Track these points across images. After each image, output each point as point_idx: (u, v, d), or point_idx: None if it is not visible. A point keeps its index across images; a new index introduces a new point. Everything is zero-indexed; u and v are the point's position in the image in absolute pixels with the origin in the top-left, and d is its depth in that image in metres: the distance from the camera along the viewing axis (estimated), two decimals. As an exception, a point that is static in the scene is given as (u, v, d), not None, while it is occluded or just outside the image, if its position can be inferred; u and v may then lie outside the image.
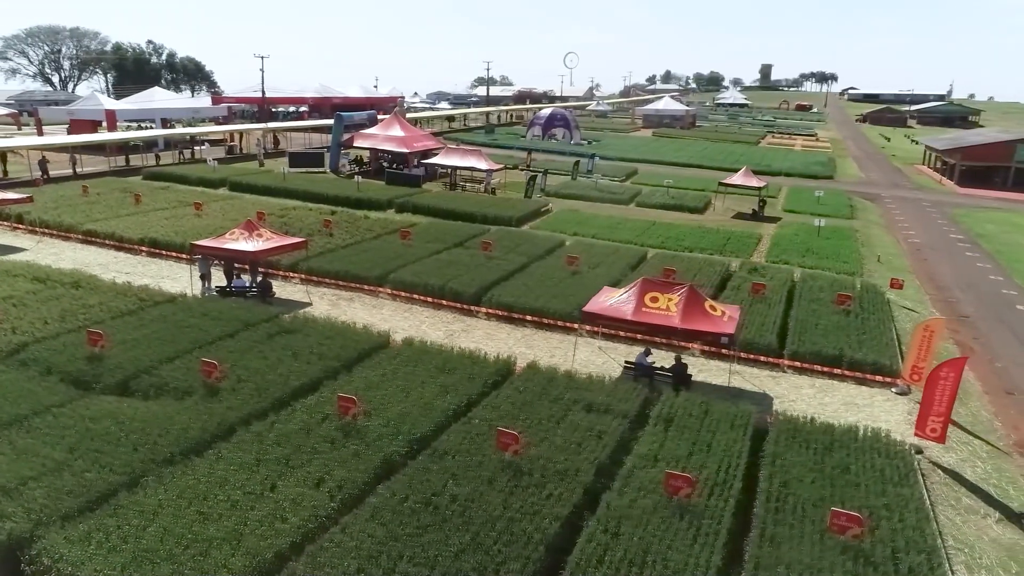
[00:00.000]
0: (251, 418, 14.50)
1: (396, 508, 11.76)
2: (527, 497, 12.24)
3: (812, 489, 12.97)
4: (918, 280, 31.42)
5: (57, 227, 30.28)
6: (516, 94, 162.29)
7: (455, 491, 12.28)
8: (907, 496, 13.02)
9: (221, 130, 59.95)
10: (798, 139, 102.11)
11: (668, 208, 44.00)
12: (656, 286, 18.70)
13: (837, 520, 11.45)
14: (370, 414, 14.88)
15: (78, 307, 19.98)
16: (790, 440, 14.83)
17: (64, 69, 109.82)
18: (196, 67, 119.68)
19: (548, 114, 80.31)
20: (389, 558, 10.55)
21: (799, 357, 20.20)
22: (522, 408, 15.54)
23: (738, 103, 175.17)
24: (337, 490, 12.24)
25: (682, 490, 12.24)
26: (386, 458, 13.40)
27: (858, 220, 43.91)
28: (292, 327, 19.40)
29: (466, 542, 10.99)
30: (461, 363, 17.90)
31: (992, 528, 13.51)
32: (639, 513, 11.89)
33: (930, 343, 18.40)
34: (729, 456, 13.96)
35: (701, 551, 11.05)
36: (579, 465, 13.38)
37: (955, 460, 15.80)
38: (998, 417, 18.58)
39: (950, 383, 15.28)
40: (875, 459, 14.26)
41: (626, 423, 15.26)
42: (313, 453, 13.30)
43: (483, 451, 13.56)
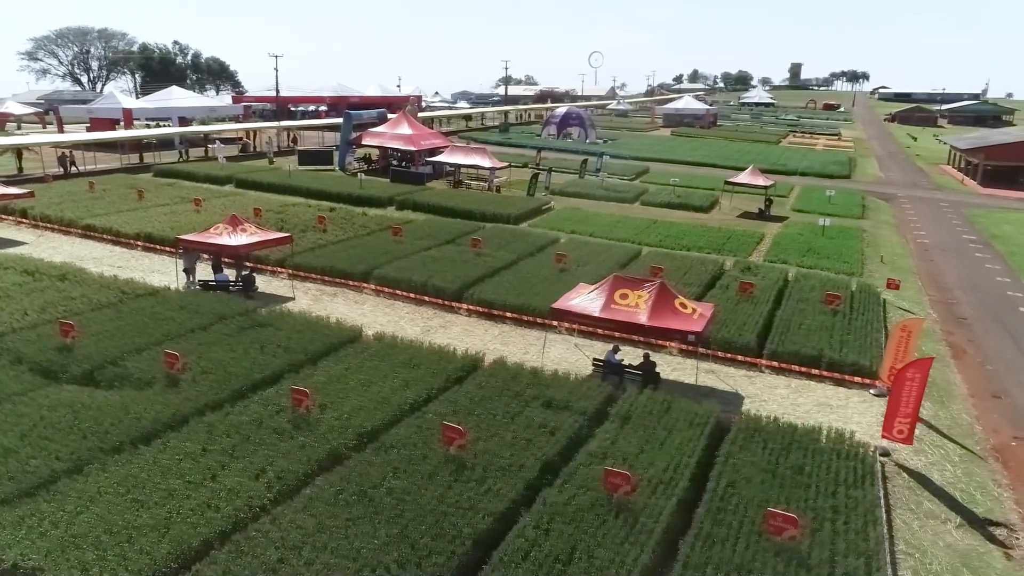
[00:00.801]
0: (206, 409, 14.63)
1: (330, 500, 11.77)
2: (465, 492, 12.16)
3: (759, 490, 12.70)
4: (920, 281, 30.69)
5: (58, 222, 30.93)
6: (538, 93, 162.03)
7: (393, 484, 12.26)
8: (858, 498, 12.68)
9: (234, 128, 60.72)
10: (821, 138, 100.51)
11: (673, 207, 43.54)
12: (627, 283, 18.50)
13: (773, 521, 11.19)
14: (325, 407, 14.94)
15: (60, 299, 20.36)
16: (748, 440, 14.55)
17: (92, 69, 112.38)
18: (220, 67, 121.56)
19: (563, 113, 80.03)
20: (312, 549, 10.55)
21: (777, 357, 19.83)
22: (479, 403, 15.46)
23: (763, 102, 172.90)
24: (276, 481, 12.28)
25: (621, 487, 12.05)
26: (332, 451, 13.42)
27: (868, 220, 43.04)
28: (265, 321, 19.55)
29: (393, 535, 10.96)
30: (428, 358, 17.88)
31: (951, 533, 13.11)
32: (574, 510, 11.74)
33: (908, 344, 17.94)
34: (681, 455, 13.74)
35: (630, 549, 10.87)
36: (525, 461, 13.26)
37: (924, 463, 15.37)
38: (979, 421, 18.04)
39: (917, 384, 14.86)
40: (833, 461, 13.92)
41: (583, 420, 15.10)
42: (260, 445, 13.37)
43: (430, 445, 13.51)
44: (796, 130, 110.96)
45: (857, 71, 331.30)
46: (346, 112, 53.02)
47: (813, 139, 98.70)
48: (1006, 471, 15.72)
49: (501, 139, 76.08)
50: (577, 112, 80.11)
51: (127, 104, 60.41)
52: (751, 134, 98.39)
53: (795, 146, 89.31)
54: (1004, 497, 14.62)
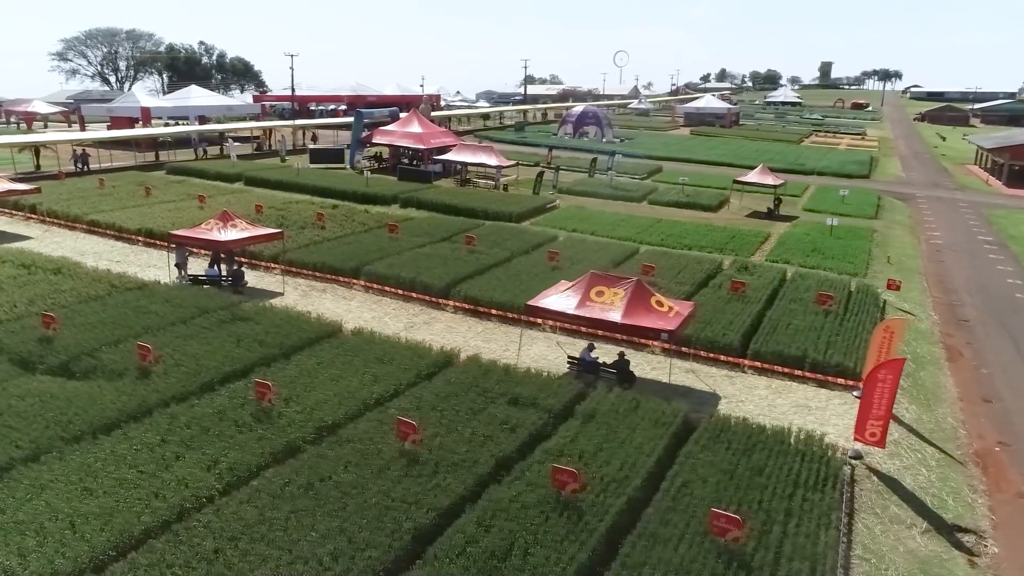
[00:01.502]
0: (172, 400, 14.80)
1: (276, 492, 11.82)
2: (412, 487, 12.13)
3: (714, 490, 12.48)
4: (926, 282, 29.98)
5: (65, 217, 31.58)
6: (560, 93, 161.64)
7: (342, 478, 12.27)
8: (815, 501, 12.40)
9: (248, 127, 61.50)
10: (844, 138, 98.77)
11: (681, 206, 43.10)
12: (604, 280, 18.34)
13: (716, 522, 10.98)
14: (290, 400, 15.03)
15: (50, 292, 20.78)
16: (713, 440, 14.32)
17: (120, 70, 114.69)
18: (245, 67, 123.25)
19: (579, 112, 79.71)
20: (250, 540, 10.60)
21: (760, 357, 19.50)
22: (445, 400, 15.42)
23: (789, 101, 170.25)
24: (227, 472, 12.37)
25: (568, 485, 11.93)
26: (289, 444, 13.48)
27: (881, 220, 42.17)
28: (246, 315, 19.73)
29: (333, 528, 10.96)
30: (402, 354, 17.89)
31: (915, 539, 12.75)
32: (519, 507, 11.64)
33: (890, 345, 17.51)
34: (640, 454, 13.57)
35: (569, 547, 10.75)
36: (480, 457, 13.20)
37: (898, 467, 14.98)
38: (965, 425, 17.56)
39: (889, 385, 14.49)
40: (796, 462, 13.63)
41: (547, 417, 15.00)
42: (217, 437, 13.48)
43: (386, 440, 13.51)
44: (820, 129, 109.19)
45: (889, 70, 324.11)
46: (357, 111, 53.40)
47: (836, 138, 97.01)
48: (984, 476, 15.27)
49: (516, 138, 76.01)
50: (593, 111, 79.74)
51: (145, 103, 61.56)
52: (772, 133, 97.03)
53: (817, 146, 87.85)
54: (978, 503, 14.19)
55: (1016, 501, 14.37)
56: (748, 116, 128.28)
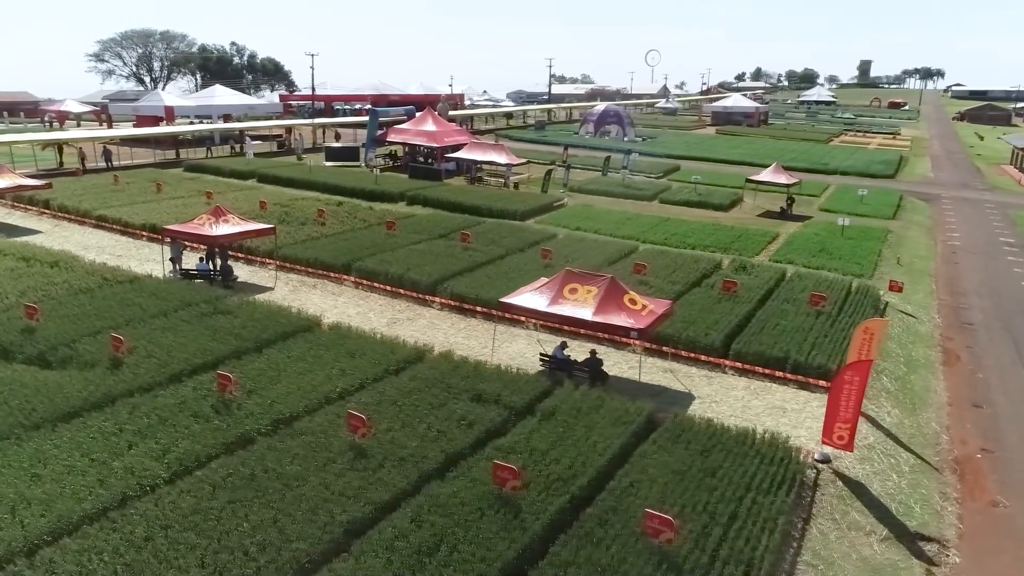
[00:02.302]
0: (137, 391, 15.01)
1: (218, 482, 11.91)
2: (354, 480, 12.13)
3: (661, 491, 12.23)
4: (935, 284, 29.10)
5: (75, 212, 32.36)
6: (588, 92, 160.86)
7: (286, 470, 12.32)
8: (764, 505, 12.08)
9: (267, 125, 62.38)
10: (876, 137, 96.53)
11: (692, 205, 42.55)
12: (578, 278, 18.13)
13: (650, 522, 10.75)
14: (253, 392, 15.16)
15: (42, 284, 21.29)
16: (672, 440, 14.06)
17: (155, 70, 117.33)
18: (275, 67, 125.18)
19: (601, 111, 79.23)
20: (181, 528, 10.69)
21: (742, 358, 19.10)
22: (407, 394, 15.40)
23: (823, 100, 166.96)
24: (176, 462, 12.51)
25: (509, 482, 11.80)
26: (242, 435, 13.59)
27: (899, 221, 41.09)
28: (228, 309, 19.96)
29: (266, 519, 11.01)
30: (375, 349, 17.93)
31: (872, 546, 12.34)
32: (457, 503, 11.56)
33: (871, 346, 17.00)
34: (593, 452, 13.38)
35: (499, 544, 10.63)
36: (429, 452, 13.14)
37: (867, 472, 14.53)
38: (949, 430, 16.96)
39: (856, 387, 14.06)
40: (754, 465, 13.30)
41: (507, 414, 14.88)
42: (174, 427, 13.63)
43: (338, 434, 13.52)
44: (851, 129, 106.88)
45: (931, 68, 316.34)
46: (372, 110, 53.81)
47: (867, 138, 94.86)
48: (960, 484, 14.73)
49: (536, 137, 75.85)
50: (615, 110, 79.18)
51: (169, 102, 62.88)
52: (800, 132, 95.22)
53: (846, 145, 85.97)
54: (947, 511, 13.69)
55: (988, 510, 13.83)
56: (778, 115, 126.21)
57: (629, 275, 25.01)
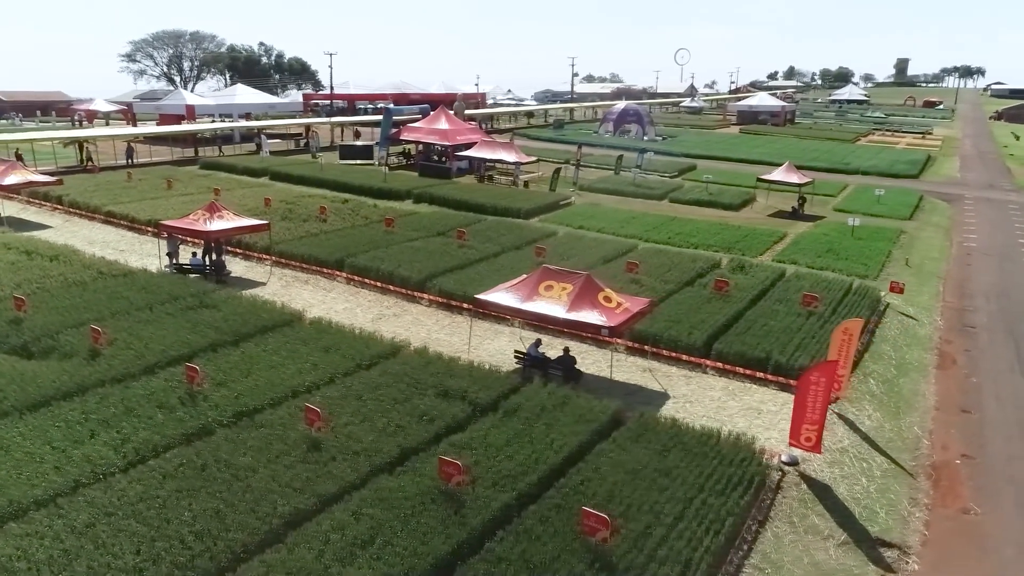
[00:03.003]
0: (110, 381, 15.28)
1: (169, 471, 12.07)
2: (303, 472, 12.20)
3: (610, 489, 12.09)
4: (942, 286, 28.34)
5: (85, 208, 33.12)
6: (614, 91, 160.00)
7: (238, 461, 12.43)
8: (714, 506, 11.87)
9: (286, 123, 63.15)
10: (906, 137, 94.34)
11: (702, 204, 42.07)
12: (554, 275, 18.01)
13: (587, 520, 10.63)
14: (223, 385, 15.35)
15: (39, 277, 21.81)
16: (633, 439, 13.90)
17: (184, 70, 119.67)
18: (302, 66, 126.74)
19: (620, 110, 78.71)
20: (124, 516, 10.86)
21: (723, 358, 18.81)
22: (374, 389, 15.45)
23: (854, 99, 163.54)
24: (133, 452, 12.71)
25: (454, 477, 11.77)
26: (203, 426, 13.75)
27: (915, 222, 40.14)
28: (213, 302, 20.24)
29: (209, 508, 11.13)
30: (351, 344, 18.04)
31: (827, 551, 12.05)
32: (400, 497, 11.56)
33: (850, 347, 16.63)
34: (548, 450, 13.28)
35: (435, 539, 10.60)
36: (384, 447, 13.17)
37: (835, 475, 14.19)
38: (932, 435, 16.49)
39: (822, 388, 13.74)
40: (711, 465, 13.08)
41: (470, 410, 14.85)
42: (138, 417, 13.85)
43: (297, 427, 13.61)
44: (881, 128, 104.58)
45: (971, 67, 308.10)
46: (386, 108, 54.19)
47: (896, 137, 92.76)
48: (934, 490, 14.31)
49: (554, 136, 75.62)
50: (634, 109, 78.61)
51: (191, 101, 64.04)
52: (826, 132, 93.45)
53: (873, 145, 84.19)
54: (914, 517, 13.31)
55: (958, 517, 13.41)
56: (806, 114, 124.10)
57: (622, 273, 24.87)
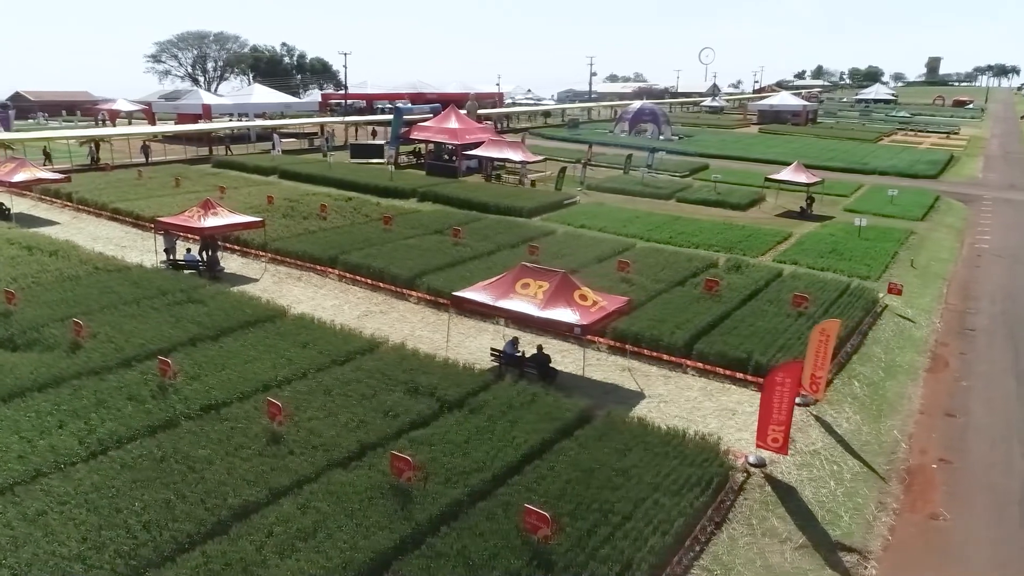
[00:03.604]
0: (86, 373, 15.56)
1: (128, 462, 12.25)
2: (259, 465, 12.31)
3: (562, 487, 12.03)
4: (946, 288, 27.75)
5: (93, 205, 33.79)
6: (635, 90, 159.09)
7: (197, 453, 12.58)
8: (665, 506, 11.74)
9: (297, 123, 63.79)
10: (930, 136, 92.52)
11: (709, 204, 41.64)
12: (531, 273, 17.97)
13: (529, 518, 10.58)
14: (196, 378, 15.56)
15: (35, 271, 22.28)
16: (596, 438, 13.81)
17: (208, 71, 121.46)
18: (323, 66, 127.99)
19: (636, 109, 78.26)
20: (76, 504, 11.06)
21: (704, 358, 18.61)
22: (345, 384, 15.55)
23: (880, 98, 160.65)
24: (96, 443, 12.92)
25: (404, 473, 11.80)
26: (169, 419, 13.93)
27: (927, 222, 39.34)
28: (200, 298, 20.50)
29: (160, 499, 11.28)
30: (328, 339, 18.17)
31: (783, 554, 11.86)
32: (351, 491, 11.61)
33: (827, 348, 16.35)
34: (508, 447, 13.25)
35: (378, 533, 10.64)
36: (344, 442, 13.25)
37: (803, 478, 13.96)
38: (911, 439, 16.15)
39: (787, 389, 13.54)
40: (670, 465, 12.94)
41: (437, 406, 14.87)
42: (108, 408, 14.08)
43: (260, 420, 13.74)
44: (906, 128, 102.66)
45: (1006, 65, 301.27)
46: (396, 108, 54.46)
47: (920, 137, 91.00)
48: (905, 494, 14.01)
49: (569, 135, 75.43)
50: (650, 108, 78.07)
51: (207, 100, 65.00)
52: (848, 132, 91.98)
53: (895, 144, 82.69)
54: (880, 521, 13.04)
55: (925, 523, 13.12)
56: (830, 114, 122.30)
57: (613, 272, 24.74)
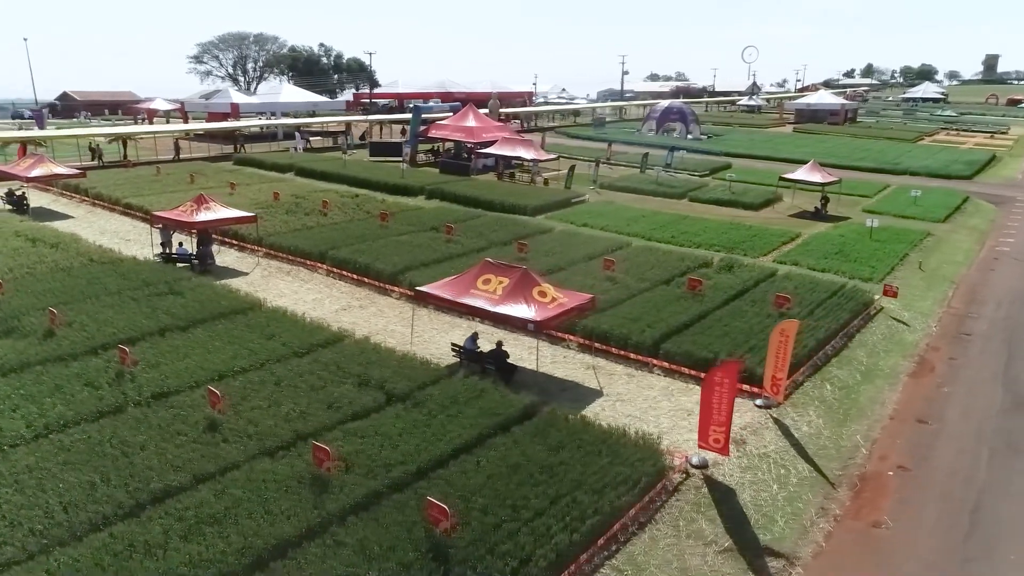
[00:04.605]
0: (52, 360, 16.09)
1: (66, 445, 12.63)
2: (189, 452, 12.57)
3: (483, 482, 11.98)
4: (952, 291, 26.74)
5: (108, 200, 34.92)
6: (672, 89, 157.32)
7: (133, 439, 12.90)
8: (585, 504, 11.59)
9: (321, 121, 64.79)
10: (976, 136, 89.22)
11: (722, 204, 40.96)
12: (494, 268, 17.93)
13: (430, 510, 10.57)
14: (156, 366, 15.96)
15: (32, 262, 23.15)
16: (532, 434, 13.72)
17: (248, 71, 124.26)
18: (360, 67, 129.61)
19: (664, 108, 77.36)
20: (4, 484, 11.45)
21: (670, 357, 18.31)
22: (298, 375, 15.76)
23: (929, 97, 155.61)
24: (42, 427, 13.35)
25: (324, 463, 11.91)
26: (118, 405, 14.30)
27: (949, 224, 38.00)
28: (180, 289, 21.02)
29: (85, 481, 11.60)
30: (296, 332, 18.44)
31: (703, 557, 11.59)
32: (269, 479, 11.77)
33: (787, 349, 15.92)
34: (440, 441, 13.25)
35: (284, 521, 10.76)
36: (280, 431, 13.43)
37: (745, 480, 13.63)
38: (874, 444, 15.60)
39: (726, 389, 13.22)
40: (600, 464, 12.76)
41: (383, 399, 14.96)
42: (63, 393, 14.54)
43: (204, 409, 14.01)
44: (951, 127, 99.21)
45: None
46: (415, 107, 54.86)
47: (964, 137, 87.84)
48: (853, 501, 13.55)
49: (594, 134, 74.97)
50: (678, 107, 77.08)
51: (236, 99, 66.51)
52: (886, 131, 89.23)
53: (936, 144, 79.99)
54: (817, 527, 12.65)
55: (866, 531, 12.67)
56: (873, 113, 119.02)
57: (598, 271, 24.54)
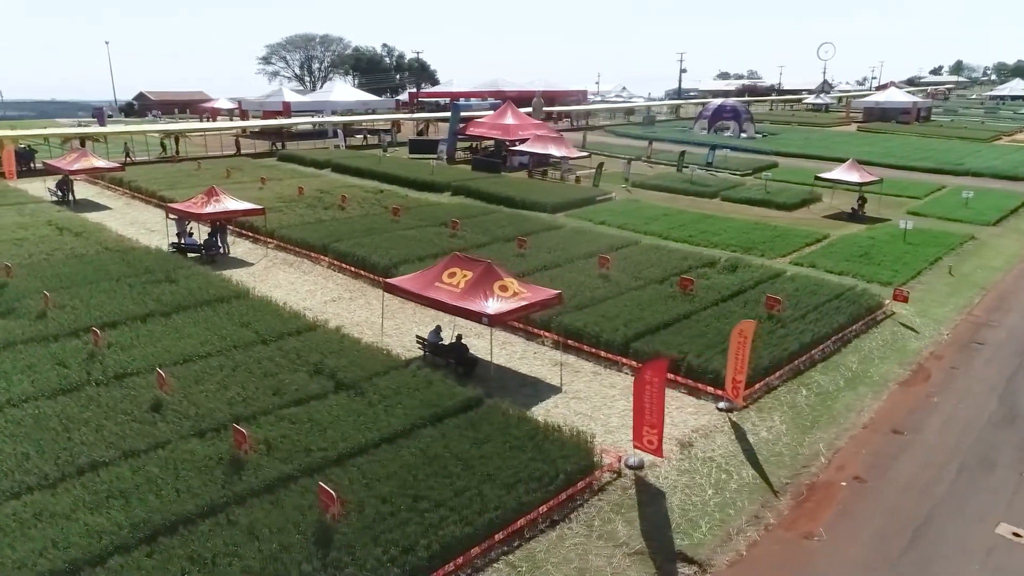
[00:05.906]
0: (37, 340, 17.02)
1: (18, 419, 13.37)
2: (126, 429, 13.09)
3: (393, 471, 12.03)
4: (980, 297, 25.12)
5: (146, 192, 36.69)
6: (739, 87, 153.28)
7: (79, 415, 13.53)
8: (488, 497, 11.45)
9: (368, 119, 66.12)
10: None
11: (754, 203, 39.76)
12: (460, 262, 17.95)
13: (322, 495, 10.67)
14: (129, 348, 16.70)
15: (50, 249, 24.53)
16: (463, 427, 13.68)
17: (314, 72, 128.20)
18: (421, 66, 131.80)
19: (716, 107, 75.49)
20: (-51, 454, 12.21)
21: (639, 356, 17.87)
22: (257, 362, 16.18)
23: (1019, 95, 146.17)
24: (3, 402, 14.15)
25: (243, 445, 12.20)
26: (77, 383, 14.99)
27: (999, 228, 35.82)
28: (175, 278, 21.87)
29: (19, 452, 12.25)
30: (272, 320, 18.93)
31: (608, 559, 11.27)
32: (187, 458, 12.14)
33: (745, 350, 15.31)
34: (371, 430, 13.37)
35: (188, 498, 11.08)
36: (218, 414, 13.81)
37: (679, 483, 13.19)
38: (836, 454, 14.82)
39: (656, 389, 12.82)
40: (521, 459, 12.60)
41: (331, 387, 15.19)
42: (32, 371, 15.38)
43: (154, 390, 14.55)
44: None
45: None
46: (453, 104, 55.37)
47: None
48: (792, 510, 12.91)
49: (643, 132, 73.83)
50: (732, 106, 75.04)
51: (287, 98, 68.67)
52: (959, 131, 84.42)
53: (1013, 144, 75.21)
54: (744, 536, 12.10)
55: (795, 542, 12.04)
56: (950, 111, 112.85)
57: (593, 268, 24.22)
